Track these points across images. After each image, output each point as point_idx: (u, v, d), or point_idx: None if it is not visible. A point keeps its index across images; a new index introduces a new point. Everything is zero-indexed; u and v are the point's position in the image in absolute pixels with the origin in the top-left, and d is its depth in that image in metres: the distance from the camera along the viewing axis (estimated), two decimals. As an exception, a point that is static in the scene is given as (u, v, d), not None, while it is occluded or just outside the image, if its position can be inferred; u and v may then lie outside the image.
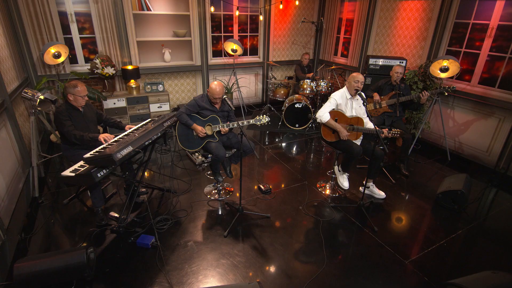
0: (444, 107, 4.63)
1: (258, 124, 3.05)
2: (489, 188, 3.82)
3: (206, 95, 3.08)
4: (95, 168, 2.40)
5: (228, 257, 2.60)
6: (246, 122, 3.03)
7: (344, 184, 3.43)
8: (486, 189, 3.80)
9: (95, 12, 4.62)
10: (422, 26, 4.71)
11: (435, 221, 3.19)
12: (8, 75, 3.66)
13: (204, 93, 3.14)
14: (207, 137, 3.07)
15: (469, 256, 2.76)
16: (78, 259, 2.23)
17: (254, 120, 3.03)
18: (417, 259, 2.65)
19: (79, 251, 2.26)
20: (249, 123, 3.04)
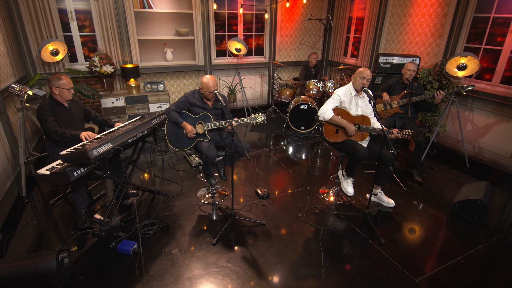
0: (462, 109, 4.26)
1: (253, 123, 2.81)
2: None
3: (197, 91, 2.87)
4: (71, 167, 2.23)
5: (214, 268, 2.35)
6: (241, 120, 2.80)
7: (349, 190, 3.13)
8: (510, 199, 3.40)
9: (96, 9, 4.54)
10: (438, 22, 4.38)
11: (451, 234, 2.84)
12: (3, 72, 3.58)
13: (197, 89, 2.94)
14: (198, 136, 2.85)
15: (490, 275, 2.41)
16: (48, 265, 2.04)
17: (249, 119, 2.79)
18: (429, 277, 2.32)
19: (49, 256, 2.07)
20: (243, 122, 2.80)
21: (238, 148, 2.97)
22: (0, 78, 3.44)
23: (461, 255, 2.55)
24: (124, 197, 3.17)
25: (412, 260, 2.48)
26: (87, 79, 4.79)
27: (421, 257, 2.52)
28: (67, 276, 2.21)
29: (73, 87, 2.66)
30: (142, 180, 3.71)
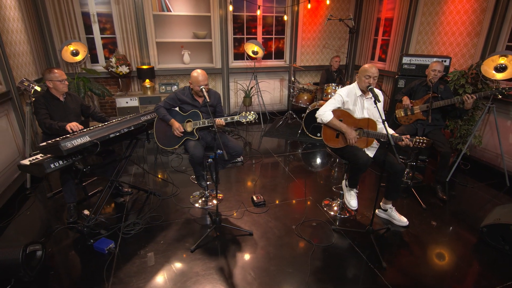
0: (502, 118, 3.65)
1: (244, 121, 2.60)
2: None
3: (188, 88, 2.75)
4: (50, 159, 2.20)
5: (183, 277, 2.16)
6: (230, 118, 2.62)
7: (351, 203, 2.76)
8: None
9: (116, 12, 4.71)
10: (475, 19, 3.85)
11: (474, 265, 2.34)
12: (25, 69, 3.81)
13: (187, 86, 2.81)
14: (185, 135, 2.71)
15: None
16: (13, 257, 2.00)
17: (239, 117, 2.60)
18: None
19: (17, 248, 2.04)
20: (233, 120, 2.62)
21: (229, 149, 2.79)
22: (20, 75, 3.65)
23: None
24: (117, 195, 3.14)
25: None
26: (106, 79, 4.97)
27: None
28: (38, 269, 2.18)
29: (66, 78, 2.68)
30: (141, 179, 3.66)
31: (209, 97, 2.78)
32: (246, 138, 4.98)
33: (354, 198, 2.76)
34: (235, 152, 2.80)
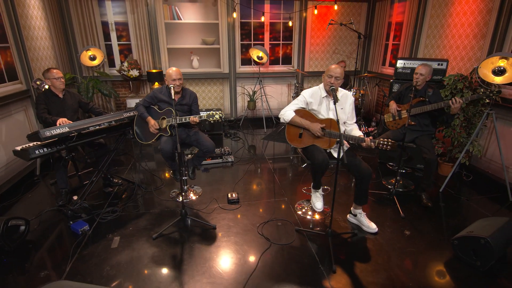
0: (508, 126, 3.34)
1: (211, 120, 2.72)
2: None
3: (165, 87, 2.95)
4: (36, 146, 2.52)
5: (137, 260, 2.31)
6: (198, 117, 2.75)
7: (316, 205, 2.71)
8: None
9: (132, 21, 5.16)
10: (481, 20, 3.59)
11: (436, 278, 2.18)
12: (47, 72, 4.33)
13: (166, 85, 3.00)
14: (160, 131, 2.91)
15: None
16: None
17: (206, 116, 2.72)
18: (370, 321, 1.82)
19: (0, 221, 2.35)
20: (201, 118, 2.75)
21: (202, 147, 2.93)
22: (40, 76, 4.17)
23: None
24: (107, 185, 3.42)
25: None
26: (122, 82, 5.42)
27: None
28: (19, 241, 2.48)
29: (62, 76, 3.03)
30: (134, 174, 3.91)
31: (185, 96, 2.97)
32: (245, 140, 5.09)
33: (319, 200, 2.72)
34: (206, 149, 2.92)
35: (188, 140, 3.01)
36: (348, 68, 6.03)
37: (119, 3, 5.11)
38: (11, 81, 3.62)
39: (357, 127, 2.63)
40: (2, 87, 3.44)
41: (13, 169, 3.51)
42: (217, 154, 4.16)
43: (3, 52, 3.50)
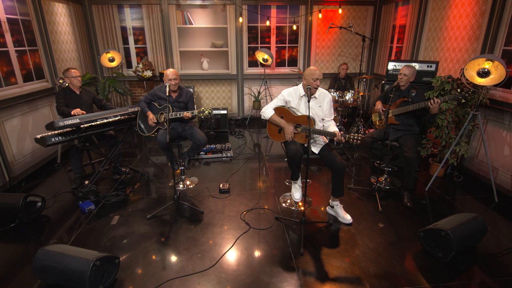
0: (497, 127, 3.36)
1: (202, 116, 3.02)
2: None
3: (164, 86, 3.28)
4: (52, 134, 2.95)
5: (130, 236, 2.65)
6: (191, 113, 3.07)
7: (295, 196, 2.91)
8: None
9: (148, 26, 5.62)
10: (475, 23, 3.63)
11: (397, 265, 2.32)
12: (71, 72, 4.86)
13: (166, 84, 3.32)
14: (157, 124, 3.25)
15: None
16: (16, 201, 2.75)
17: (198, 112, 3.03)
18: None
19: (18, 196, 2.78)
20: (193, 114, 3.06)
21: (195, 140, 3.25)
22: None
23: (380, 286, 2.09)
24: (116, 173, 3.83)
25: (319, 279, 2.19)
26: (137, 82, 5.89)
27: (329, 281, 2.19)
28: (36, 215, 2.91)
29: (79, 75, 3.46)
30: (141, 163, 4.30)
31: (181, 94, 3.29)
32: (247, 138, 5.35)
33: (297, 191, 2.93)
34: (198, 142, 3.23)
35: (183, 133, 3.32)
36: (354, 70, 6.15)
37: (137, 10, 5.59)
38: (38, 80, 4.14)
39: (334, 123, 2.81)
40: (30, 84, 3.96)
41: (37, 156, 4.02)
42: (217, 149, 4.47)
43: (32, 54, 4.02)
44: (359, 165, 4.21)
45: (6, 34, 3.60)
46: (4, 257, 2.44)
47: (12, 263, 2.36)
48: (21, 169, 3.72)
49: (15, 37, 3.75)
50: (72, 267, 1.93)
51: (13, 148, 3.62)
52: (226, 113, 5.51)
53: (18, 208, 2.73)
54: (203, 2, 5.60)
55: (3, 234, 2.70)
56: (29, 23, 3.99)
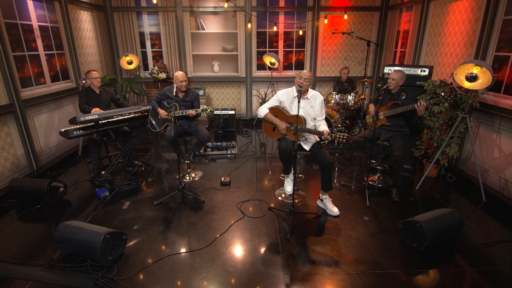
0: (488, 130, 3.47)
1: (205, 113, 3.34)
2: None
3: (173, 87, 3.63)
4: (74, 128, 3.35)
5: (138, 219, 2.99)
6: (195, 111, 3.39)
7: (287, 189, 3.15)
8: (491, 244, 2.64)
9: (163, 32, 6.04)
10: (470, 29, 3.76)
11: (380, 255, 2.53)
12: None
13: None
14: (166, 121, 3.60)
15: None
16: (42, 186, 3.16)
17: (201, 110, 3.35)
18: (299, 276, 2.27)
19: (43, 181, 3.20)
20: (197, 112, 3.38)
21: (199, 136, 3.57)
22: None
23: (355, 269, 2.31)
24: (129, 165, 4.21)
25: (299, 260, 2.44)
26: (153, 83, 6.32)
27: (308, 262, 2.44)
28: (58, 199, 3.32)
29: (99, 76, 3.87)
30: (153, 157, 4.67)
31: (188, 94, 3.63)
32: (254, 137, 5.64)
33: (289, 184, 3.17)
34: (202, 138, 3.55)
35: (189, 130, 3.66)
36: (360, 74, 6.31)
37: (154, 17, 6.02)
38: (64, 80, 4.61)
39: (324, 123, 3.05)
40: (57, 84, 4.43)
41: (61, 149, 4.48)
42: (223, 147, 4.78)
43: (59, 57, 4.50)
44: (356, 164, 4.39)
45: (37, 39, 4.08)
46: (31, 232, 2.84)
47: (37, 237, 2.76)
48: (47, 160, 4.18)
49: (45, 42, 4.22)
50: (86, 239, 2.28)
51: (41, 141, 4.08)
52: (234, 114, 5.83)
53: (44, 191, 3.14)
54: (215, 9, 5.96)
55: (30, 214, 3.11)
56: (57, 30, 4.47)
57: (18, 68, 3.72)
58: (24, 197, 3.26)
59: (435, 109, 3.56)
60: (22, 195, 3.25)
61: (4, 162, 3.50)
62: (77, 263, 2.35)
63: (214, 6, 5.95)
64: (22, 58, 3.81)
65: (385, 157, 3.77)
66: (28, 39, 3.91)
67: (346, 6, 5.87)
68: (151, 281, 2.21)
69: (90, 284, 2.15)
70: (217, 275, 2.27)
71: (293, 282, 2.20)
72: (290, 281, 2.21)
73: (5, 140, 3.51)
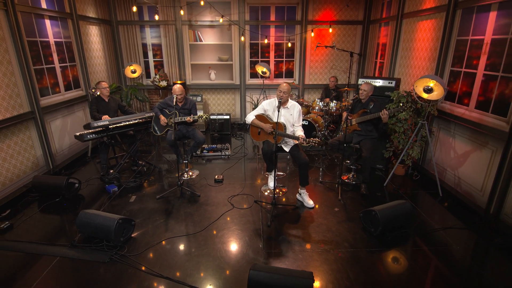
0: (446, 135, 4.01)
1: (201, 120, 3.88)
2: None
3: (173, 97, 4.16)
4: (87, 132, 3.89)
5: (143, 210, 3.53)
6: (192, 117, 3.93)
7: (270, 185, 3.69)
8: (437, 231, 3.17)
9: (164, 43, 6.59)
10: (432, 46, 4.31)
11: (343, 237, 3.06)
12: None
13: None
14: (167, 126, 4.14)
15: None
16: (60, 182, 3.69)
17: (198, 117, 3.89)
18: (272, 253, 2.80)
19: (62, 178, 3.74)
20: (194, 119, 3.93)
21: (196, 139, 4.11)
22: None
23: (321, 248, 2.85)
24: (133, 165, 4.74)
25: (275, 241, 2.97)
26: (154, 90, 6.87)
27: (283, 242, 2.97)
28: (74, 194, 3.85)
29: (108, 86, 4.41)
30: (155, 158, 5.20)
31: (186, 103, 4.17)
32: (247, 140, 6.18)
33: (271, 180, 3.71)
34: (198, 141, 4.09)
35: (187, 134, 4.20)
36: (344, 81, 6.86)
37: (156, 29, 6.58)
38: (76, 89, 5.15)
39: (301, 129, 3.59)
40: (70, 92, 4.98)
41: (73, 150, 5.02)
42: (217, 148, 5.32)
43: (71, 68, 5.04)
44: (336, 164, 4.93)
45: (54, 54, 4.62)
46: (53, 220, 3.37)
47: (58, 224, 3.30)
48: (61, 160, 4.72)
49: (60, 55, 4.77)
50: (102, 223, 2.81)
51: (56, 144, 4.62)
52: (229, 118, 6.37)
53: (62, 187, 3.67)
54: (212, 23, 6.52)
55: (50, 206, 3.64)
56: (70, 44, 5.02)
57: (38, 79, 4.26)
58: (45, 191, 3.80)
59: (401, 116, 4.11)
60: (43, 190, 3.78)
61: (26, 162, 4.03)
62: (94, 243, 2.88)
63: (211, 20, 6.51)
64: (41, 70, 4.36)
65: (358, 158, 4.31)
66: (46, 53, 4.45)
67: (331, 21, 6.43)
68: (155, 257, 2.75)
69: (106, 258, 2.69)
70: (209, 252, 2.80)
71: (269, 258, 2.74)
72: (268, 257, 2.75)
73: (27, 143, 4.05)
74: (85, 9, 5.43)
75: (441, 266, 2.66)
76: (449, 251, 2.85)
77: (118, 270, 2.59)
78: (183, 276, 2.52)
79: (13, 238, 3.04)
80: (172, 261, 2.71)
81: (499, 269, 2.67)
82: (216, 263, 2.68)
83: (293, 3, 6.47)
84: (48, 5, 4.50)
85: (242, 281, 2.45)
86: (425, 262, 2.73)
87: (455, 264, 2.69)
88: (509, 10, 3.11)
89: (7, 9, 3.70)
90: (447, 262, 2.70)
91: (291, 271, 2.30)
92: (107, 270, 2.58)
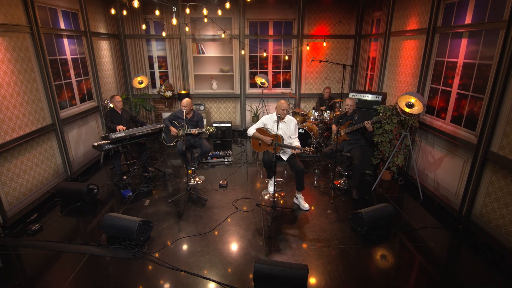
0: (426, 144, 4.49)
1: (207, 132, 4.32)
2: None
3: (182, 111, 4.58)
4: (105, 143, 4.31)
5: (157, 214, 3.96)
6: (199, 130, 4.37)
7: (269, 189, 4.14)
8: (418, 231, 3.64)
9: (169, 55, 7.02)
10: (415, 64, 4.80)
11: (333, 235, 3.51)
12: (109, 92, 6.29)
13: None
14: (176, 137, 4.57)
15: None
16: (82, 188, 4.11)
17: (205, 129, 4.33)
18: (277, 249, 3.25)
19: (83, 184, 4.16)
20: (201, 131, 4.36)
21: (202, 148, 4.55)
22: (106, 96, 6.11)
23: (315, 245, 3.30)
24: (144, 171, 5.17)
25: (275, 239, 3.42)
26: (160, 100, 7.29)
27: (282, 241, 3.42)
28: (93, 198, 4.26)
29: (121, 100, 4.83)
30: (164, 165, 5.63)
31: (194, 116, 4.61)
32: (247, 146, 6.62)
33: (271, 186, 4.16)
34: (205, 150, 4.53)
35: (194, 144, 4.63)
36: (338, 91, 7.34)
37: (161, 42, 7.01)
38: (89, 100, 5.57)
39: (297, 140, 4.04)
40: (84, 104, 5.39)
41: (87, 157, 5.43)
42: (220, 155, 5.76)
43: (85, 82, 5.46)
44: (329, 170, 5.39)
45: (70, 69, 5.04)
46: (76, 222, 3.79)
47: (81, 226, 3.71)
48: (77, 167, 5.12)
49: (76, 70, 5.19)
50: (125, 225, 3.24)
51: (73, 152, 5.03)
52: (230, 126, 6.81)
53: (83, 192, 4.09)
54: (214, 37, 6.97)
55: (73, 210, 4.05)
56: (84, 59, 5.44)
57: (58, 94, 4.67)
58: (67, 196, 4.21)
59: (386, 127, 4.58)
60: (66, 195, 4.20)
61: (49, 169, 4.44)
62: (117, 242, 3.31)
63: (213, 34, 6.96)
64: (60, 86, 4.77)
65: (349, 164, 4.77)
66: (64, 69, 4.87)
67: (325, 35, 6.91)
68: (172, 253, 3.18)
69: (130, 255, 3.11)
70: (218, 249, 3.24)
71: (270, 254, 3.18)
72: (269, 253, 3.19)
73: (49, 152, 4.46)
74: (97, 26, 5.85)
75: (418, 259, 3.13)
76: (426, 247, 3.31)
77: (141, 265, 3.02)
78: (197, 269, 2.96)
79: (44, 238, 3.45)
80: (186, 257, 3.14)
81: (469, 263, 3.14)
82: (224, 258, 3.12)
83: (290, 18, 6.94)
84: (66, 25, 4.93)
85: (248, 272, 2.89)
86: (405, 256, 3.19)
87: (431, 257, 3.16)
88: (477, 38, 3.59)
89: (32, 33, 4.12)
90: (425, 257, 3.16)
91: (289, 264, 2.75)
92: (132, 265, 3.01)
